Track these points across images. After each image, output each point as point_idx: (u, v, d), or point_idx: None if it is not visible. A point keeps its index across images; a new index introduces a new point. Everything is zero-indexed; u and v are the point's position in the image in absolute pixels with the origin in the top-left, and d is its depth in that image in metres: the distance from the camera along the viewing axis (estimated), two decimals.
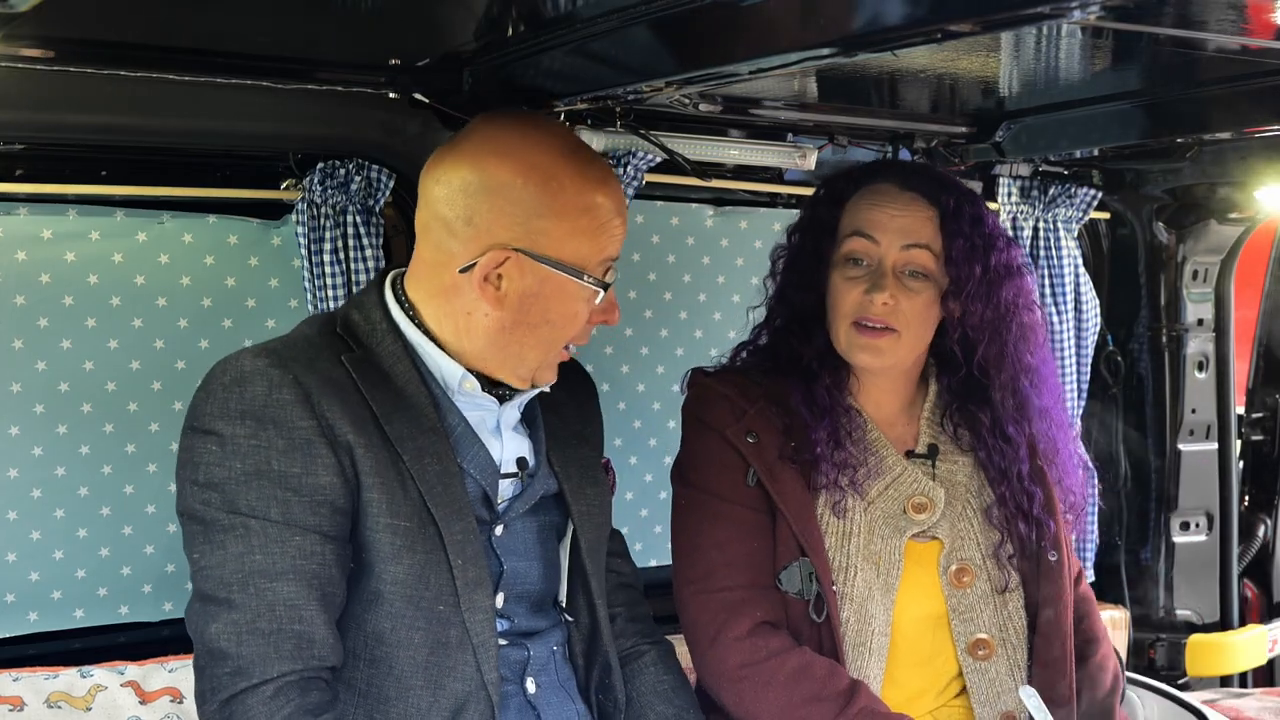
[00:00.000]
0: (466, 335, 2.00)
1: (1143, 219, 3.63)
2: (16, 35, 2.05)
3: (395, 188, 2.75)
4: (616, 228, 2.00)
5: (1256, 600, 4.02)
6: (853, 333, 2.29)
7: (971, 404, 2.40)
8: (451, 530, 1.93)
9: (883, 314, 2.26)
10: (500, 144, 1.98)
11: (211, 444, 1.87)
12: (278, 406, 1.86)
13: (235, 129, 2.55)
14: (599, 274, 1.99)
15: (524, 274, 1.95)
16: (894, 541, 2.31)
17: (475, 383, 2.02)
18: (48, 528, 2.74)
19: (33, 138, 2.51)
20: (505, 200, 1.93)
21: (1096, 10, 1.50)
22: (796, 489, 2.29)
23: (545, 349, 2.01)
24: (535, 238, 1.93)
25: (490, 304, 1.96)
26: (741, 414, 2.33)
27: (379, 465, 1.90)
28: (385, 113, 2.59)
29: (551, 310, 1.97)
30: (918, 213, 2.30)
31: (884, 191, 2.33)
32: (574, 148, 2.01)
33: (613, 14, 1.93)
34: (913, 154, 3.17)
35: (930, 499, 2.33)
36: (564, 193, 1.94)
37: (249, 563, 1.84)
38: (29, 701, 2.48)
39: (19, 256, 2.63)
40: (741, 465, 2.31)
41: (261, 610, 1.83)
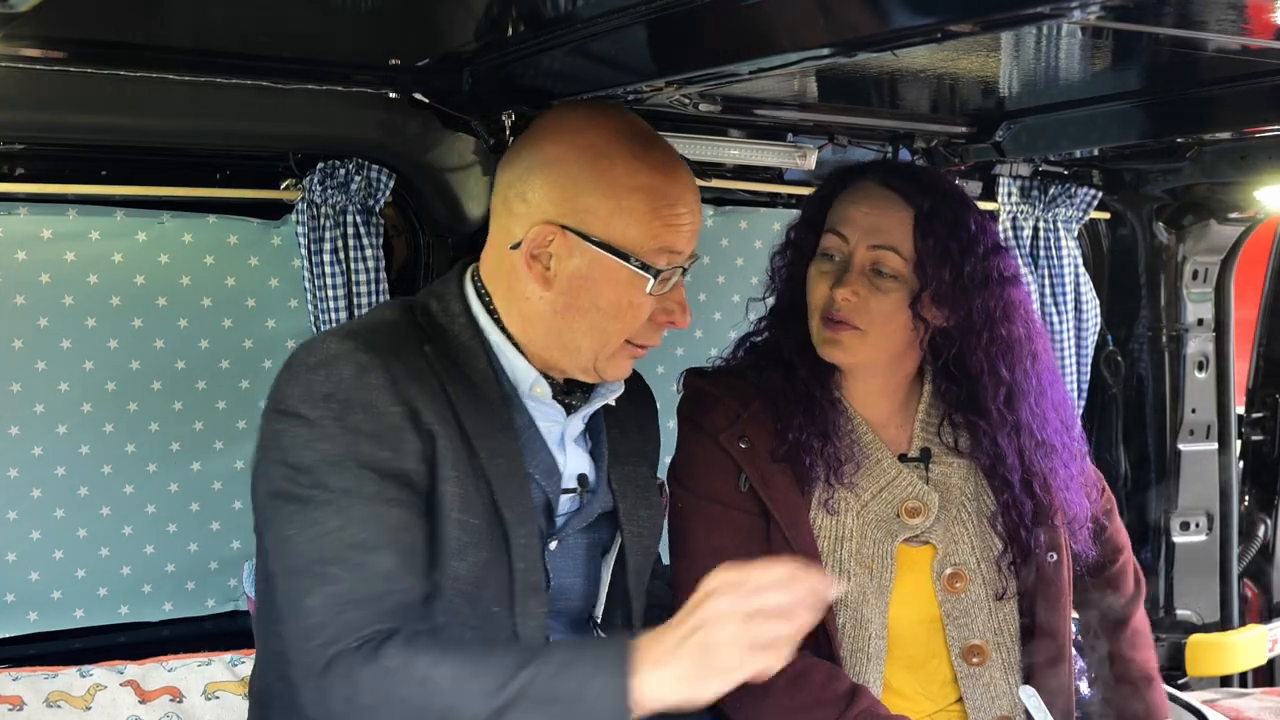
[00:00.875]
0: (527, 321, 1.96)
1: (1143, 219, 3.62)
2: (16, 35, 2.05)
3: (395, 188, 2.75)
4: (677, 217, 1.93)
5: (1256, 600, 4.02)
6: (820, 326, 2.29)
7: (970, 408, 2.38)
8: (517, 533, 1.91)
9: (845, 309, 2.24)
10: (560, 123, 1.98)
11: (298, 427, 1.83)
12: (366, 390, 1.83)
13: (235, 129, 2.55)
14: (657, 262, 1.92)
15: (571, 253, 1.90)
16: (886, 545, 2.30)
17: (546, 389, 1.99)
18: (48, 528, 2.74)
19: (33, 138, 2.51)
20: (556, 176, 1.91)
21: (1096, 10, 1.50)
22: (789, 494, 2.28)
23: (599, 338, 1.95)
24: (582, 215, 1.89)
25: (539, 284, 1.92)
26: (735, 418, 2.31)
27: (456, 458, 1.87)
28: (385, 113, 2.59)
29: (601, 295, 1.92)
30: (891, 213, 2.27)
31: (863, 189, 2.32)
32: (635, 132, 1.96)
33: (613, 14, 1.93)
34: (913, 154, 3.17)
35: (924, 503, 2.32)
36: (614, 171, 1.89)
37: (347, 536, 1.79)
38: (28, 701, 2.48)
39: (19, 256, 2.63)
40: (734, 470, 2.30)
41: (358, 583, 1.78)
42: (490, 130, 2.69)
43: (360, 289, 2.77)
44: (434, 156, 2.73)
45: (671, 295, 1.96)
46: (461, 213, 2.86)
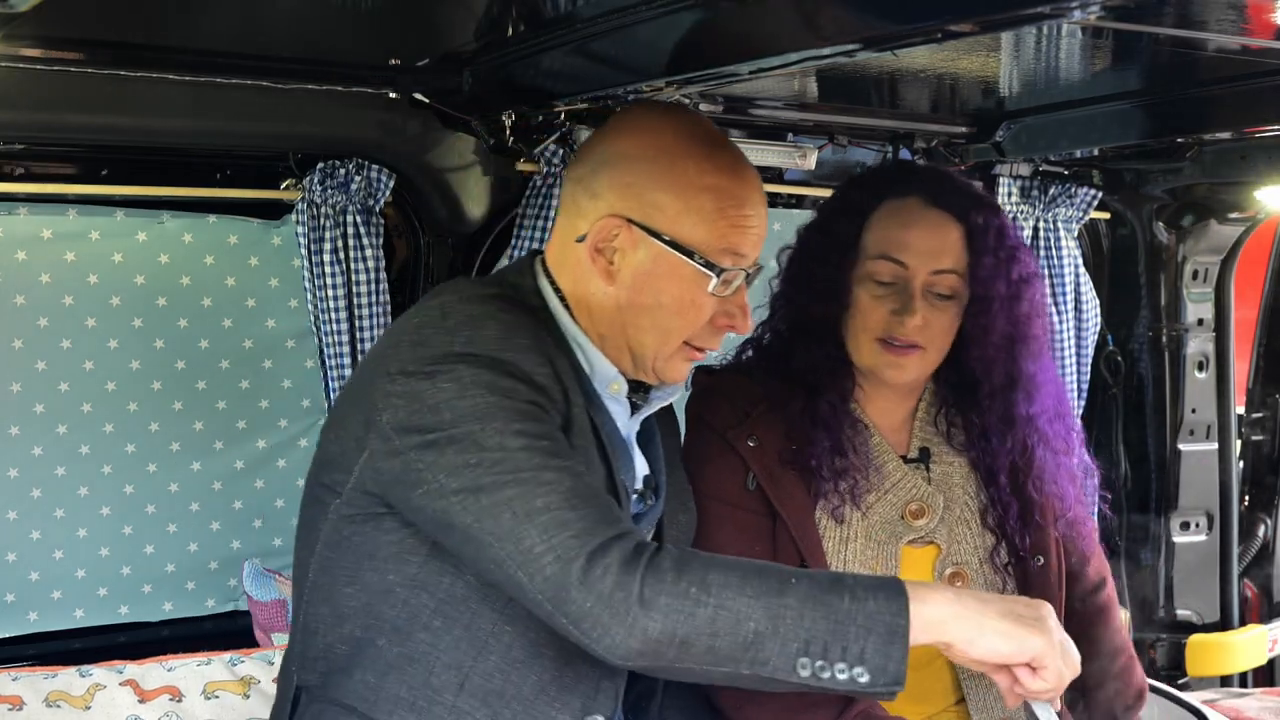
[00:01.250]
0: (592, 317, 1.95)
1: (1143, 219, 3.62)
2: (16, 35, 2.05)
3: (395, 188, 2.75)
4: (744, 219, 1.91)
5: (1256, 600, 4.02)
6: (878, 349, 2.26)
7: (965, 405, 2.38)
8: (626, 515, 1.89)
9: (908, 333, 2.23)
10: (633, 121, 1.98)
11: (444, 382, 1.76)
12: (514, 350, 1.79)
13: (235, 129, 2.55)
14: (721, 263, 1.90)
15: (636, 248, 1.89)
16: (890, 547, 2.30)
17: (624, 386, 1.97)
18: (48, 528, 2.74)
19: (33, 138, 2.51)
20: (625, 171, 1.90)
21: (1096, 10, 1.50)
22: (797, 494, 2.27)
23: (661, 335, 1.93)
24: (649, 211, 1.89)
25: (603, 278, 1.91)
26: (744, 416, 2.30)
27: (582, 431, 1.85)
28: (385, 113, 2.59)
29: (664, 292, 1.90)
30: (946, 234, 2.25)
31: (910, 210, 2.27)
32: (706, 133, 1.95)
33: (613, 14, 1.93)
34: (913, 154, 3.17)
35: (927, 505, 2.32)
36: (684, 169, 1.89)
37: (539, 448, 1.72)
38: (28, 701, 2.48)
39: (19, 256, 2.63)
40: (742, 468, 2.29)
41: (577, 480, 1.72)
42: (490, 130, 2.70)
43: (360, 289, 2.77)
44: (434, 156, 2.73)
45: (733, 299, 1.95)
46: (461, 213, 2.86)
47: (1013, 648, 1.71)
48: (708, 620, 1.64)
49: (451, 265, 2.96)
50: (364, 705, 1.88)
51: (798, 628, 1.64)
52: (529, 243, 2.86)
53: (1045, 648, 1.71)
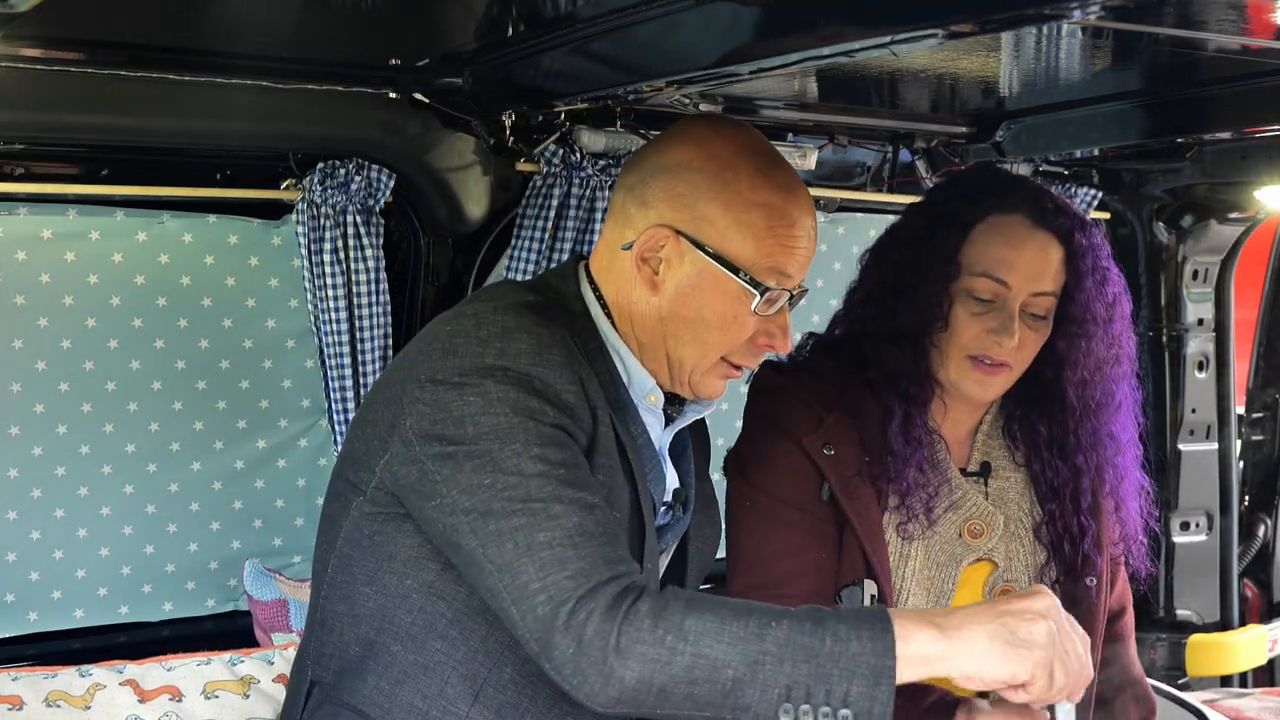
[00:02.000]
0: (634, 326, 1.94)
1: (1143, 219, 3.63)
2: (16, 35, 2.05)
3: (395, 188, 2.75)
4: (794, 239, 1.89)
5: (1256, 600, 4.02)
6: (967, 365, 2.21)
7: (1033, 417, 2.33)
8: (650, 535, 1.89)
9: (1001, 353, 2.19)
10: (687, 133, 1.96)
11: (471, 395, 1.76)
12: (545, 366, 1.78)
13: (235, 129, 2.55)
14: (766, 280, 1.88)
15: (682, 260, 1.88)
16: (950, 570, 2.26)
17: (660, 397, 1.96)
18: (48, 528, 2.74)
19: (33, 138, 2.51)
20: (677, 181, 1.89)
21: (1096, 10, 1.50)
22: (870, 507, 2.22)
23: (700, 350, 1.92)
24: (699, 224, 1.87)
25: (647, 287, 1.90)
26: (819, 422, 2.24)
27: (609, 449, 1.84)
28: (385, 113, 2.59)
29: (707, 306, 1.89)
30: (1049, 254, 2.21)
31: (1015, 227, 2.21)
32: (761, 149, 1.93)
33: (613, 14, 1.93)
34: (913, 154, 3.17)
35: (987, 524, 2.28)
36: (738, 184, 1.87)
37: (554, 476, 1.72)
38: (28, 701, 2.48)
39: (19, 256, 2.63)
40: (815, 477, 2.23)
41: (585, 515, 1.70)
42: (490, 130, 2.70)
43: (360, 289, 2.77)
44: (434, 156, 2.73)
45: (775, 319, 1.93)
46: (461, 213, 2.86)
47: (1004, 675, 1.67)
48: (685, 669, 1.62)
49: (452, 265, 2.96)
50: (377, 712, 1.87)
51: (778, 673, 1.62)
52: (529, 243, 2.86)
53: (1037, 669, 1.67)
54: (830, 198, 3.38)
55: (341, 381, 2.82)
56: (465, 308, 1.89)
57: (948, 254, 2.23)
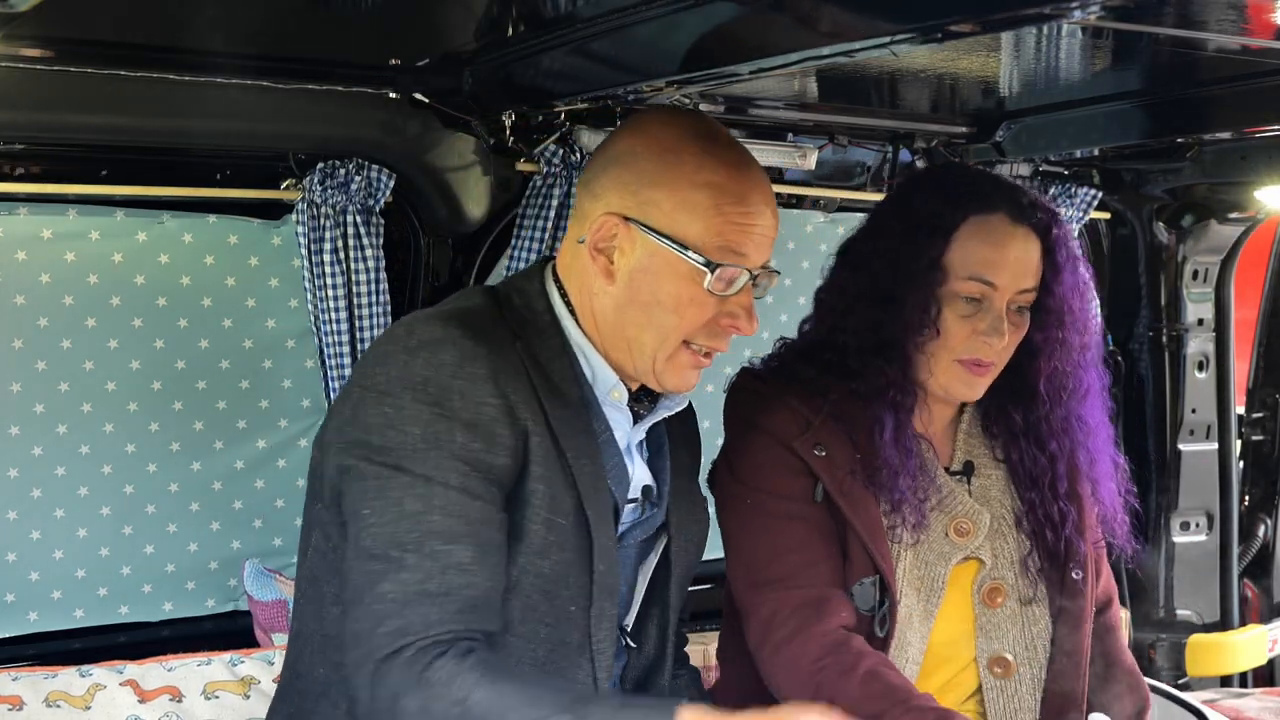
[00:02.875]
0: (596, 318, 1.96)
1: (1143, 219, 3.63)
2: (16, 35, 2.05)
3: (395, 188, 2.75)
4: (743, 216, 1.89)
5: (1256, 600, 4.02)
6: (957, 369, 2.21)
7: (1008, 408, 2.34)
8: (600, 534, 1.90)
9: (996, 355, 2.20)
10: (635, 123, 1.99)
11: (387, 406, 1.80)
12: (467, 380, 1.81)
13: (235, 129, 2.55)
14: (716, 259, 1.88)
15: (634, 246, 1.90)
16: (939, 569, 2.26)
17: (624, 393, 1.98)
18: (48, 528, 2.74)
19: (33, 138, 2.51)
20: (624, 168, 1.92)
21: (1096, 10, 1.50)
22: (869, 505, 2.21)
23: (660, 334, 1.92)
24: (646, 208, 1.89)
25: (604, 277, 1.92)
26: (807, 425, 2.24)
27: (547, 457, 1.86)
28: (385, 113, 2.59)
29: (661, 289, 1.90)
30: (1031, 251, 2.21)
31: (997, 227, 2.20)
32: (708, 131, 1.95)
33: (613, 14, 1.93)
34: (913, 154, 3.17)
35: (974, 523, 2.28)
36: (681, 166, 1.89)
37: (426, 523, 1.77)
38: (28, 701, 2.48)
39: (19, 256, 2.63)
40: (808, 477, 2.23)
41: (434, 572, 1.76)
42: (490, 130, 2.70)
43: (360, 289, 2.77)
44: (434, 156, 2.73)
45: (737, 299, 1.94)
46: (461, 213, 2.86)
47: None
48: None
49: (452, 265, 2.96)
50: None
51: None
52: (529, 243, 2.86)
53: None
54: (830, 198, 3.38)
55: (341, 382, 2.82)
56: (407, 316, 1.93)
57: (932, 260, 2.21)
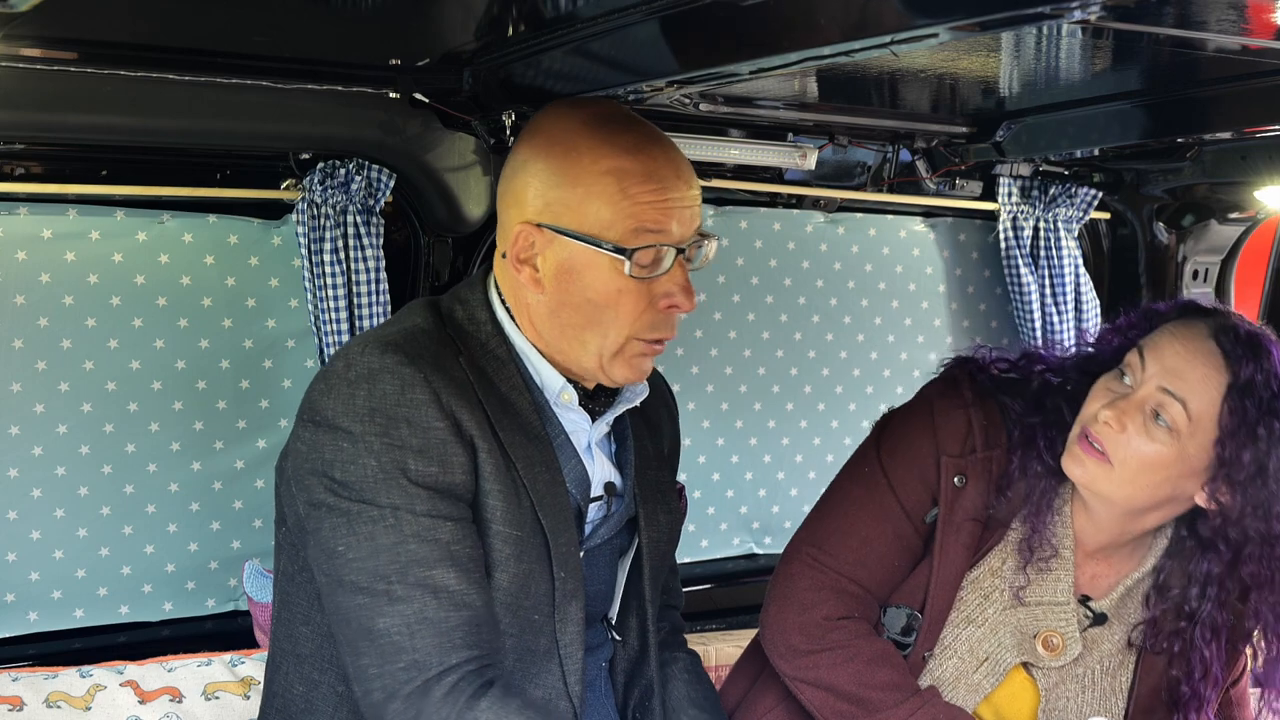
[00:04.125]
0: (536, 327, 1.95)
1: (1143, 219, 3.63)
2: (16, 35, 2.05)
3: (395, 188, 2.75)
4: (655, 193, 1.87)
5: None
6: (1074, 440, 2.16)
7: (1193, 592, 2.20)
8: (558, 542, 1.90)
9: (1103, 436, 2.10)
10: (531, 127, 1.98)
11: (341, 441, 1.82)
12: (411, 406, 1.82)
13: (235, 129, 2.54)
14: (633, 243, 1.87)
15: (553, 250, 1.89)
16: (1009, 656, 2.21)
17: (574, 395, 1.98)
18: (48, 528, 2.74)
19: (33, 138, 2.51)
20: (528, 175, 1.91)
21: (1096, 10, 1.50)
22: (961, 552, 2.18)
23: (600, 332, 1.91)
24: (556, 210, 1.88)
25: (532, 287, 1.92)
26: (969, 451, 2.19)
27: (497, 470, 1.86)
28: (385, 113, 2.59)
29: (589, 287, 1.89)
30: (1200, 365, 2.07)
31: (1190, 328, 2.14)
32: (604, 118, 1.93)
33: (613, 14, 1.93)
34: (913, 154, 3.17)
35: (1065, 645, 2.21)
36: (579, 160, 1.88)
37: (404, 553, 1.79)
38: (28, 701, 2.48)
39: (19, 256, 2.63)
40: (933, 494, 2.20)
41: (427, 600, 1.78)
42: (490, 130, 2.69)
43: (360, 289, 2.77)
44: (434, 156, 2.73)
45: (670, 277, 1.91)
46: (461, 213, 2.86)
47: None
48: None
49: (452, 265, 2.96)
50: None
51: None
52: None
53: None
54: (830, 198, 3.38)
55: None
56: (353, 344, 1.92)
57: (1125, 342, 2.19)
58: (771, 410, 3.53)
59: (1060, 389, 2.26)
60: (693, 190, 1.92)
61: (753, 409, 3.53)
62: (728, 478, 3.54)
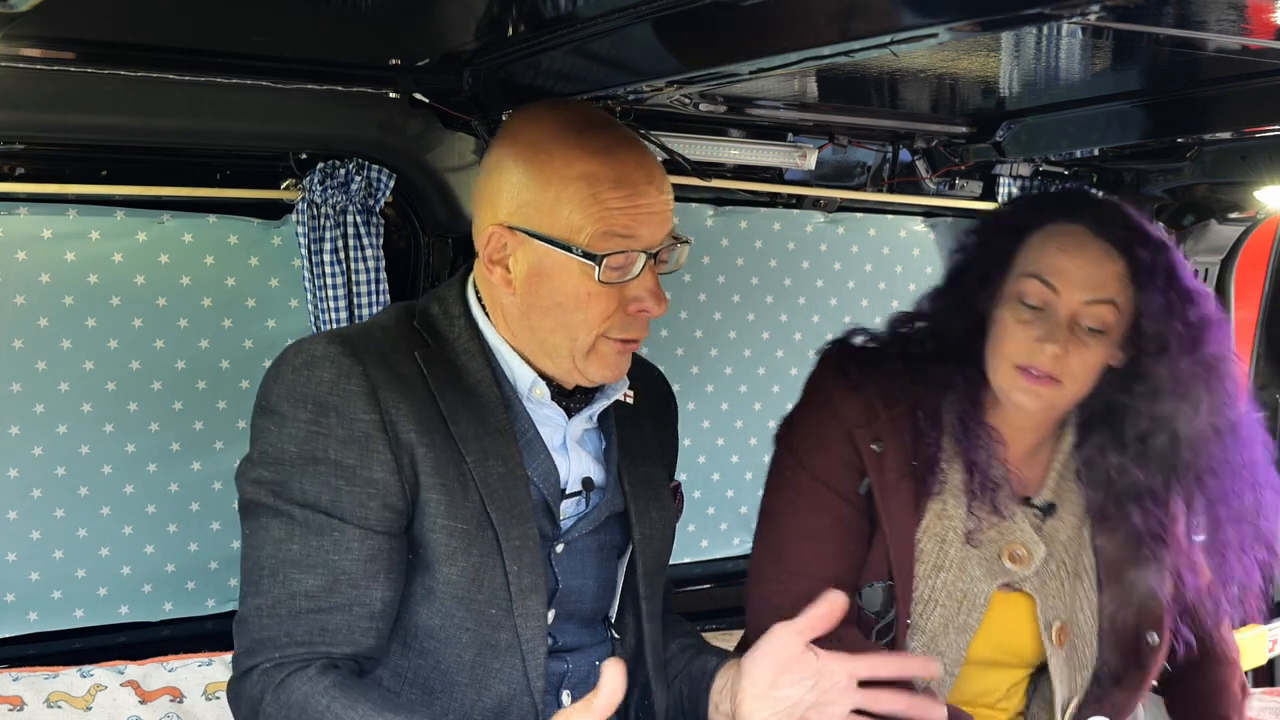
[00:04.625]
0: (508, 326, 1.98)
1: None
2: (16, 35, 2.05)
3: (395, 188, 2.75)
4: (624, 199, 1.88)
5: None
6: (1014, 375, 2.18)
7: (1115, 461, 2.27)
8: (509, 536, 1.91)
9: (1050, 365, 2.15)
10: (504, 130, 2.00)
11: (271, 424, 1.88)
12: (342, 396, 1.85)
13: (235, 129, 2.54)
14: (603, 248, 1.87)
15: (525, 253, 1.91)
16: (983, 585, 2.24)
17: (545, 390, 1.99)
18: (48, 528, 2.74)
19: (33, 138, 2.51)
20: (501, 177, 1.93)
21: (1096, 10, 1.50)
22: (905, 510, 2.22)
23: (569, 334, 1.93)
24: (526, 213, 1.90)
25: (504, 288, 1.94)
26: (874, 417, 2.24)
27: (440, 466, 1.88)
28: (385, 113, 2.59)
29: (558, 290, 1.90)
30: (1106, 265, 2.16)
31: (1073, 235, 2.19)
32: (576, 122, 1.94)
33: (613, 14, 1.93)
34: (913, 154, 3.17)
35: (1030, 552, 2.26)
36: (551, 164, 1.89)
37: (285, 552, 1.85)
38: (29, 701, 2.48)
39: (19, 256, 2.63)
40: (859, 469, 2.23)
41: (283, 599, 1.84)
42: (490, 130, 2.69)
43: (360, 289, 2.78)
44: (434, 156, 2.73)
45: (640, 282, 1.92)
46: (461, 213, 2.86)
47: None
48: None
49: (452, 265, 2.96)
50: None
51: None
52: None
53: None
54: (830, 198, 3.38)
55: None
56: (311, 335, 1.99)
57: (1000, 255, 2.23)
58: (771, 410, 3.53)
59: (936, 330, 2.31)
60: (664, 195, 1.93)
61: (753, 409, 3.53)
62: (728, 478, 3.54)
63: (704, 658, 2.14)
